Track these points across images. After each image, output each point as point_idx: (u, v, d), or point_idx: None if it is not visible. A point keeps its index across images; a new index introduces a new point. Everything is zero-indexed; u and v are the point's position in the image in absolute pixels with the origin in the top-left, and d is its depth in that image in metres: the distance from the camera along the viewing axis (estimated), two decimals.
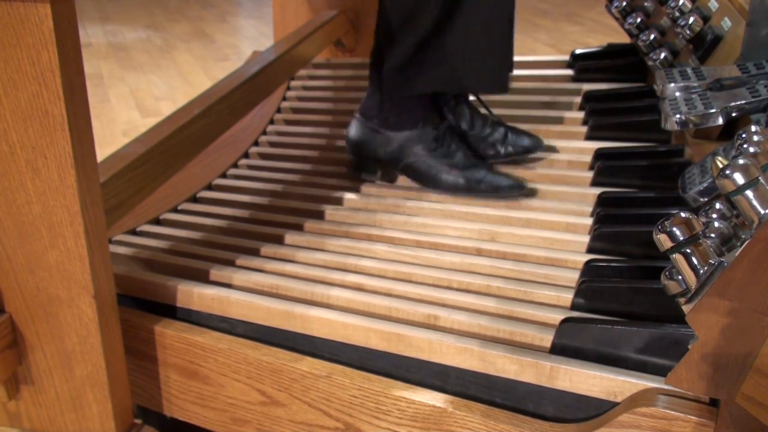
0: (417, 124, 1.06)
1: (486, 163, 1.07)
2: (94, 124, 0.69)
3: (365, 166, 1.11)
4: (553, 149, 1.13)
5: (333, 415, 0.76)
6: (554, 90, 1.32)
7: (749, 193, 0.54)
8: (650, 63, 1.11)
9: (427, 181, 1.05)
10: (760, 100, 0.79)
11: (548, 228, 0.94)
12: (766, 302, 0.50)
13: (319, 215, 1.04)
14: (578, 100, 1.26)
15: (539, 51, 2.95)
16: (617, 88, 1.27)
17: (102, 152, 0.81)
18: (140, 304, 0.89)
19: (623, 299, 0.75)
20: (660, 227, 0.58)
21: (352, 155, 1.12)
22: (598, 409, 0.68)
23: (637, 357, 0.68)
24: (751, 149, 0.59)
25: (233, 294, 0.84)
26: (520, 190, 1.01)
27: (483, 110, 1.15)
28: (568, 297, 0.79)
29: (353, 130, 1.11)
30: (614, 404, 0.67)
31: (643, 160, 1.02)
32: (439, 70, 1.01)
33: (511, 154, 1.10)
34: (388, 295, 0.83)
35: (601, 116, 1.17)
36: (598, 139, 1.13)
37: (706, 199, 0.75)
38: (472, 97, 1.15)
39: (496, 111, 1.25)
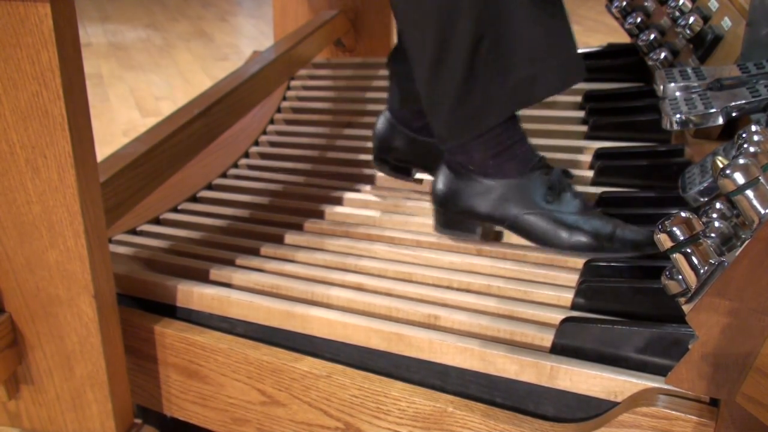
0: (525, 169, 0.86)
1: (605, 214, 0.88)
2: (94, 123, 0.69)
3: (458, 222, 0.90)
4: (553, 149, 1.13)
5: (333, 415, 0.76)
6: None
7: (749, 192, 0.54)
8: (650, 63, 1.11)
9: (544, 240, 0.86)
10: (760, 99, 0.79)
11: None
12: (767, 302, 0.50)
13: (319, 215, 1.04)
14: (578, 100, 1.26)
15: None
16: (617, 88, 1.27)
17: (102, 152, 0.81)
18: (140, 304, 0.89)
19: (623, 299, 0.75)
20: (660, 227, 0.58)
21: (441, 209, 0.91)
22: (598, 408, 0.68)
23: (638, 357, 0.68)
24: (752, 149, 0.59)
25: (233, 294, 0.84)
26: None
27: None
28: (568, 297, 0.79)
29: (442, 180, 0.90)
30: (614, 404, 0.67)
31: (643, 160, 1.02)
32: (506, 90, 0.83)
33: None
34: (389, 294, 0.83)
35: (601, 116, 1.17)
36: (598, 139, 1.13)
37: (706, 199, 0.75)
38: None
39: None
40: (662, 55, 1.08)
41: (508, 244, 0.91)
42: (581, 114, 1.22)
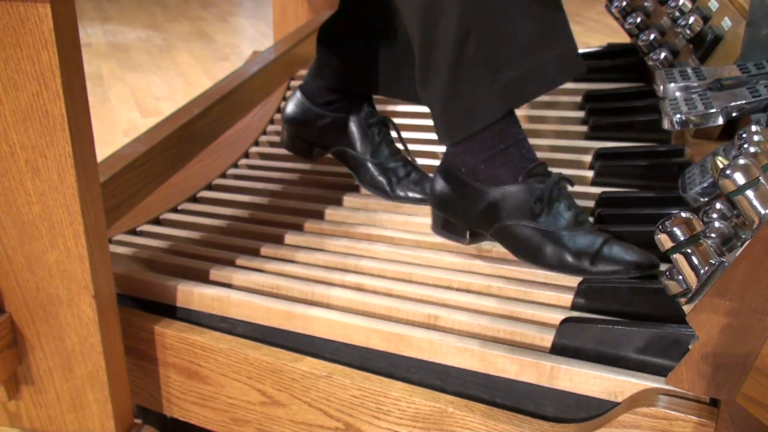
0: (517, 176, 0.82)
1: (597, 229, 0.83)
2: (94, 124, 0.69)
3: (453, 227, 0.88)
4: (553, 149, 1.13)
5: (333, 415, 0.76)
6: (554, 90, 1.32)
7: (750, 193, 0.54)
8: (650, 63, 1.11)
9: (527, 253, 0.82)
10: (760, 100, 0.79)
11: None
12: (767, 302, 0.50)
13: (319, 215, 1.04)
14: (578, 100, 1.26)
15: None
16: (617, 88, 1.27)
17: (102, 152, 0.81)
18: (140, 304, 0.89)
19: (623, 299, 0.75)
20: (660, 227, 0.58)
21: (436, 210, 0.90)
22: (598, 409, 0.68)
23: (638, 357, 0.68)
24: (752, 149, 0.59)
25: (233, 294, 0.84)
26: (650, 270, 0.77)
27: (400, 145, 1.05)
28: (568, 297, 0.79)
29: (440, 181, 0.88)
30: (615, 404, 0.67)
31: (643, 160, 1.02)
32: (496, 89, 0.80)
33: (407, 198, 1.01)
34: (389, 295, 0.83)
35: (601, 116, 1.17)
36: (598, 139, 1.13)
37: (706, 199, 0.75)
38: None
39: None
40: (662, 55, 1.08)
41: None
42: (581, 114, 1.22)
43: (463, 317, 0.77)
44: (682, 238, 0.57)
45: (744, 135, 0.62)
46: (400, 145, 1.08)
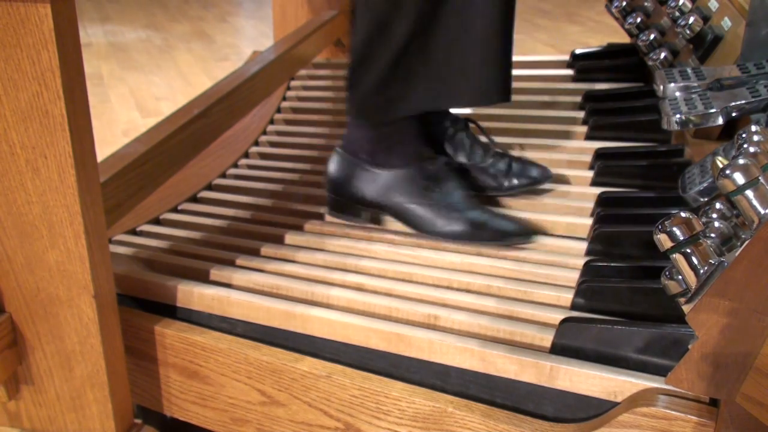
0: (409, 160, 0.93)
1: (485, 205, 0.95)
2: (94, 124, 0.69)
3: (348, 207, 0.97)
4: (553, 149, 1.13)
5: (333, 415, 0.76)
6: (554, 90, 1.32)
7: (749, 193, 0.54)
8: (650, 63, 1.11)
9: (422, 227, 0.92)
10: (760, 100, 0.79)
11: (548, 228, 0.94)
12: (766, 302, 0.50)
13: (319, 215, 1.04)
14: (578, 100, 1.26)
15: (539, 51, 2.95)
16: (617, 88, 1.27)
17: (102, 152, 0.81)
18: (140, 304, 0.89)
19: (623, 299, 0.75)
20: (660, 227, 0.58)
21: (332, 194, 0.97)
22: (598, 409, 0.68)
23: (637, 357, 0.68)
24: (751, 149, 0.59)
25: (233, 294, 0.84)
26: (526, 238, 0.90)
27: (484, 138, 1.06)
28: (568, 297, 0.79)
29: (334, 166, 0.96)
30: (614, 404, 0.67)
31: (643, 160, 1.02)
32: (425, 86, 0.89)
33: (515, 187, 1.00)
34: (389, 295, 0.83)
35: (601, 116, 1.17)
36: (598, 139, 1.13)
37: (706, 199, 0.75)
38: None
39: (495, 112, 1.25)
40: (662, 55, 1.08)
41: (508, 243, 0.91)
42: (581, 114, 1.22)
43: (462, 317, 0.77)
44: (681, 238, 0.57)
45: (744, 135, 0.62)
46: (483, 138, 1.06)
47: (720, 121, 0.81)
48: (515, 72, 1.16)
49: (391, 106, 0.90)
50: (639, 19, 1.17)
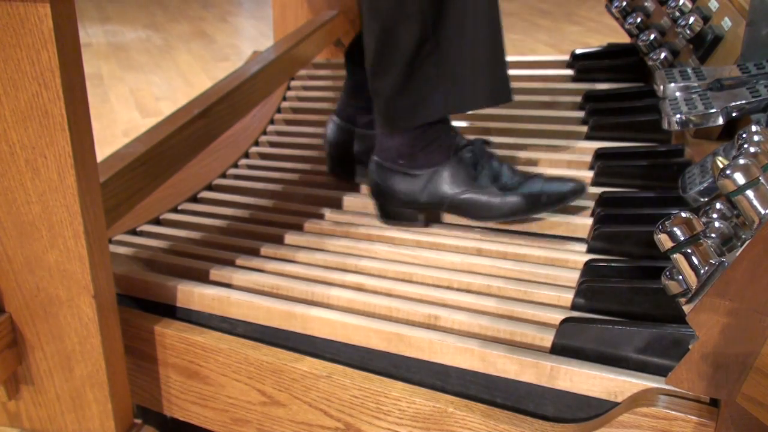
0: (448, 154, 0.93)
1: (531, 173, 0.95)
2: (94, 124, 0.69)
3: (399, 213, 0.97)
4: (553, 149, 1.13)
5: (333, 415, 0.76)
6: (554, 90, 1.32)
7: (750, 193, 0.54)
8: (650, 63, 1.11)
9: (481, 213, 0.92)
10: (760, 100, 0.79)
11: (548, 228, 0.94)
12: (767, 302, 0.50)
13: (319, 215, 1.04)
14: (578, 100, 1.26)
15: (539, 51, 2.95)
16: (617, 88, 1.27)
17: (102, 152, 0.81)
18: (140, 304, 0.89)
19: (623, 299, 0.75)
20: (660, 227, 0.58)
21: (380, 202, 0.98)
22: (598, 409, 0.68)
23: (638, 357, 0.68)
24: (752, 149, 0.59)
25: (233, 294, 0.84)
26: (582, 193, 0.92)
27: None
28: (568, 297, 0.79)
29: (375, 176, 0.96)
30: (615, 404, 0.67)
31: (643, 160, 1.02)
32: (442, 90, 0.90)
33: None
34: (389, 295, 0.83)
35: (601, 116, 1.17)
36: (598, 139, 1.13)
37: (706, 199, 0.75)
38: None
39: (495, 112, 1.25)
40: (662, 55, 1.08)
41: (508, 244, 0.91)
42: (581, 114, 1.22)
43: (463, 317, 0.77)
44: (682, 238, 0.57)
45: (744, 135, 0.62)
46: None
47: (720, 121, 0.81)
48: (516, 72, 1.16)
49: (412, 112, 0.90)
50: (639, 19, 1.17)
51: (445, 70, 0.89)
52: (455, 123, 1.11)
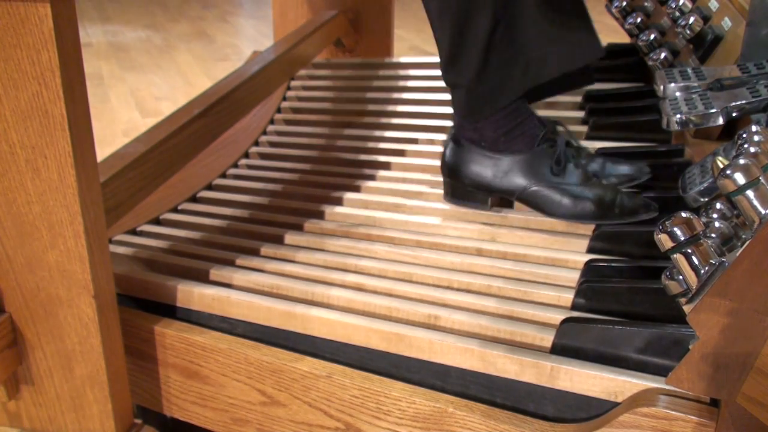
0: (531, 144, 0.92)
1: (605, 183, 0.94)
2: (94, 124, 0.69)
3: (469, 194, 0.97)
4: None
5: (333, 415, 0.76)
6: None
7: (750, 193, 0.54)
8: (650, 63, 1.11)
9: (549, 210, 0.92)
10: (760, 100, 0.79)
11: (548, 228, 0.94)
12: (767, 302, 0.50)
13: (319, 215, 1.04)
14: (578, 100, 1.26)
15: None
16: (617, 88, 1.27)
17: (102, 152, 0.81)
18: (140, 304, 0.89)
19: (624, 299, 0.75)
20: (661, 227, 0.58)
21: (450, 179, 0.98)
22: (598, 409, 0.68)
23: (638, 357, 0.68)
24: (752, 149, 0.59)
25: (233, 294, 0.84)
26: (654, 212, 0.89)
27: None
28: (568, 297, 0.79)
29: (451, 153, 0.97)
30: (615, 404, 0.67)
31: (643, 160, 1.02)
32: (520, 68, 0.90)
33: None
34: (389, 295, 0.83)
35: (601, 116, 1.17)
36: (598, 139, 1.13)
37: (706, 199, 0.75)
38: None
39: None
40: (662, 55, 1.08)
41: (508, 244, 0.91)
42: (581, 114, 1.22)
43: (463, 317, 0.77)
44: (682, 238, 0.57)
45: (744, 135, 0.62)
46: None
47: (720, 121, 0.81)
48: None
49: (493, 96, 0.91)
50: (639, 19, 1.17)
51: (521, 46, 0.90)
52: None
